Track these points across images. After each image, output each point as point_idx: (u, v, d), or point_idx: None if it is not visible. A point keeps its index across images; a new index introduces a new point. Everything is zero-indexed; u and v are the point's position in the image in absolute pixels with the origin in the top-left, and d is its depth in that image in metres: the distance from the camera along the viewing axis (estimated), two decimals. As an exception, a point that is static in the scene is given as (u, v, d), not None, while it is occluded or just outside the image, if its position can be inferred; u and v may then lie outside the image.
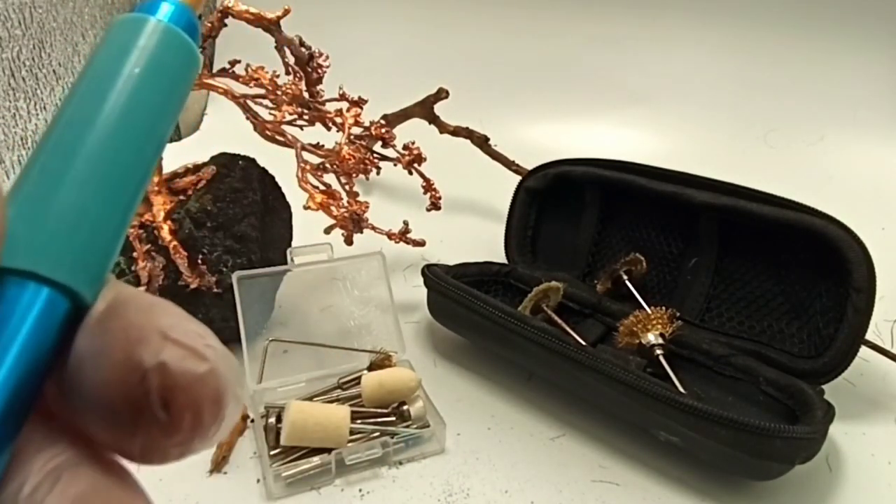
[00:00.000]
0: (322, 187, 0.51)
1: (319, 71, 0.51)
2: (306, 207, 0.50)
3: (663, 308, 0.52)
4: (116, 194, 0.12)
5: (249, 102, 0.53)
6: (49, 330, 0.11)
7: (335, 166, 0.52)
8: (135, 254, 0.51)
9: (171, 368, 0.11)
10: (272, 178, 0.60)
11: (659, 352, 0.49)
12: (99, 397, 0.11)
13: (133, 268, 0.50)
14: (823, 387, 0.47)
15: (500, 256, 0.65)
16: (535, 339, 0.48)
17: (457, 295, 0.53)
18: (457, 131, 0.79)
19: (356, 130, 0.53)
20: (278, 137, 0.53)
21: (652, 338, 0.50)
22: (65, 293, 0.11)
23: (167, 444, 0.11)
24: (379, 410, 0.48)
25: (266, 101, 0.52)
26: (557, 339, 0.48)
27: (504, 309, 0.50)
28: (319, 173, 0.52)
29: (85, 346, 0.11)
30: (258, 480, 0.44)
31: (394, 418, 0.47)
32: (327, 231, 0.55)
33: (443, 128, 0.79)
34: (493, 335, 0.52)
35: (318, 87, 0.52)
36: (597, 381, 0.46)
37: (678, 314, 0.52)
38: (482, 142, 0.79)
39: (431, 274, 0.55)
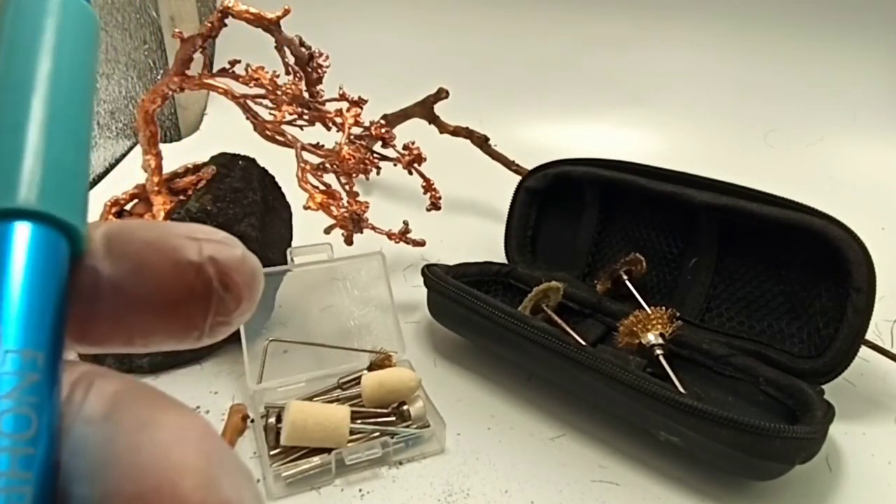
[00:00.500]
0: (322, 187, 0.51)
1: (319, 71, 0.51)
2: (306, 207, 0.50)
3: (663, 308, 0.52)
4: (77, 142, 0.13)
5: (249, 102, 0.53)
6: (63, 266, 0.12)
7: (335, 166, 0.52)
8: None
9: (219, 258, 0.13)
10: (272, 178, 0.60)
11: (659, 352, 0.49)
12: (159, 301, 0.13)
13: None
14: (823, 387, 0.47)
15: (500, 256, 0.65)
16: (535, 339, 0.48)
17: (457, 295, 0.53)
18: (457, 131, 0.79)
19: (356, 130, 0.53)
20: (278, 137, 0.53)
21: (652, 338, 0.50)
22: (64, 233, 0.12)
23: (233, 317, 0.14)
24: (379, 410, 0.48)
25: (266, 101, 0.51)
26: (557, 339, 0.48)
27: (504, 309, 0.50)
28: (319, 173, 0.52)
29: (117, 270, 0.13)
30: (258, 480, 0.44)
31: (394, 418, 0.47)
32: (327, 231, 0.55)
33: (443, 128, 0.79)
34: (493, 335, 0.52)
35: (318, 87, 0.52)
36: (597, 381, 0.46)
37: (678, 314, 0.52)
38: (482, 142, 0.79)
39: (431, 274, 0.55)
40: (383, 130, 0.54)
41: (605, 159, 0.60)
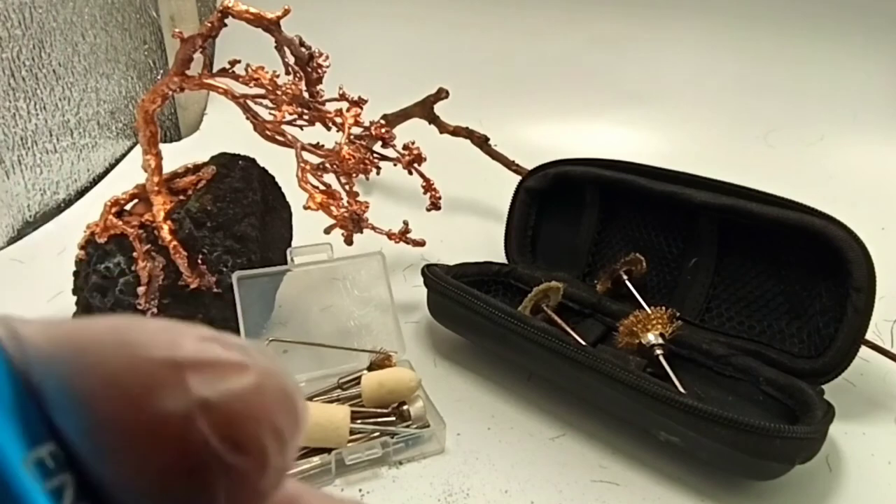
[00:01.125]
0: (322, 187, 0.51)
1: (319, 71, 0.51)
2: (306, 207, 0.50)
3: (663, 308, 0.52)
4: None
5: (249, 102, 0.53)
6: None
7: (335, 166, 0.52)
8: (135, 254, 0.51)
9: (215, 399, 0.08)
10: (272, 178, 0.60)
11: (659, 352, 0.49)
12: (131, 490, 0.08)
13: (133, 268, 0.50)
14: (823, 387, 0.47)
15: (500, 256, 0.65)
16: (535, 339, 0.48)
17: (457, 295, 0.53)
18: (457, 131, 0.79)
19: (356, 130, 0.53)
20: (278, 137, 0.53)
21: (652, 338, 0.50)
22: None
23: (262, 487, 0.08)
24: (379, 410, 0.48)
25: (266, 101, 0.51)
26: (557, 339, 0.48)
27: (504, 309, 0.50)
28: (319, 173, 0.52)
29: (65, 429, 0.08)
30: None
31: (394, 418, 0.47)
32: (327, 231, 0.55)
33: (443, 128, 0.79)
34: (493, 335, 0.52)
35: (318, 87, 0.52)
36: (597, 381, 0.46)
37: (678, 314, 0.52)
38: (482, 142, 0.79)
39: (431, 274, 0.55)
40: (383, 130, 0.54)
41: (605, 159, 0.60)
